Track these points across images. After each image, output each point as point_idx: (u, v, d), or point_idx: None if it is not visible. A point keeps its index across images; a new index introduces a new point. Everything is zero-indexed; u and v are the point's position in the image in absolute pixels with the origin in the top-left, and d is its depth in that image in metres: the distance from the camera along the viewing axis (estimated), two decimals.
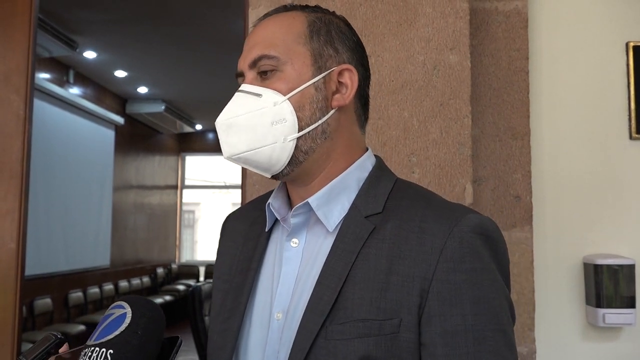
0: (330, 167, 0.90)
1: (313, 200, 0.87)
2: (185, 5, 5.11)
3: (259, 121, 0.86)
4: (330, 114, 0.88)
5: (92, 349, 0.76)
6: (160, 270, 9.96)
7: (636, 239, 1.89)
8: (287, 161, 0.87)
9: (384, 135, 1.61)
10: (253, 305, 0.91)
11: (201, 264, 11.10)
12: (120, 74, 7.48)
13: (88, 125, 7.54)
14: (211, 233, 12.72)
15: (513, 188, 1.80)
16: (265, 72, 0.88)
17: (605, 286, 1.80)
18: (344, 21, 0.95)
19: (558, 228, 1.89)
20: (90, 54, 6.65)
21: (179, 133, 10.91)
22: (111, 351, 0.76)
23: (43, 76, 6.50)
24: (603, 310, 1.80)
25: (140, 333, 0.78)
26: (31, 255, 3.21)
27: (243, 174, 1.79)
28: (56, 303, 6.67)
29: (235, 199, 12.77)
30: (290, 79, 0.87)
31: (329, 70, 0.89)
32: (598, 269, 1.82)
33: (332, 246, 0.85)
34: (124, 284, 8.44)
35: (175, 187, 11.30)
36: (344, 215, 0.87)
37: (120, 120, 8.32)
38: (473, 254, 0.80)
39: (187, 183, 11.68)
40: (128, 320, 0.79)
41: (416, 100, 1.62)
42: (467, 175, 1.59)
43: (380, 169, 0.93)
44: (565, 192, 1.90)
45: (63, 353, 0.82)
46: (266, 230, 0.94)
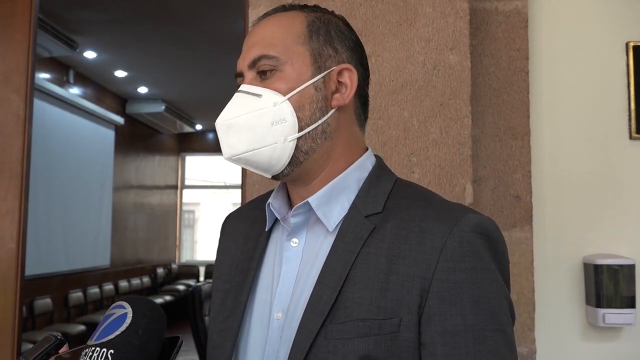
0: (330, 167, 0.90)
1: (313, 199, 0.87)
2: (185, 5, 5.11)
3: (258, 121, 0.86)
4: (330, 113, 0.88)
5: (93, 349, 0.76)
6: (160, 270, 9.96)
7: (636, 239, 1.89)
8: (288, 161, 0.87)
9: (384, 135, 1.61)
10: (253, 305, 0.91)
11: (201, 264, 11.10)
12: (120, 74, 7.48)
13: (88, 125, 7.54)
14: (211, 233, 12.71)
15: (513, 188, 1.80)
16: (264, 72, 0.87)
17: (605, 286, 1.81)
18: (343, 21, 0.95)
19: (558, 228, 1.89)
20: (90, 54, 6.65)
21: (179, 133, 10.91)
22: (112, 351, 0.76)
23: (43, 76, 6.50)
24: (603, 310, 1.80)
25: (141, 333, 0.78)
26: (31, 255, 3.21)
27: (243, 174, 1.79)
28: (56, 303, 6.67)
29: (235, 199, 12.76)
30: (290, 79, 0.87)
31: (328, 70, 0.89)
32: (598, 269, 1.82)
33: (332, 246, 0.85)
34: (124, 284, 8.44)
35: (175, 187, 11.30)
36: (344, 215, 0.87)
37: (120, 120, 8.32)
38: (473, 254, 0.80)
39: (187, 183, 11.68)
40: (129, 320, 0.79)
41: (416, 100, 1.62)
42: (467, 175, 1.59)
43: (380, 169, 0.93)
44: (565, 192, 1.90)
45: (63, 353, 0.82)
46: (266, 229, 0.94)
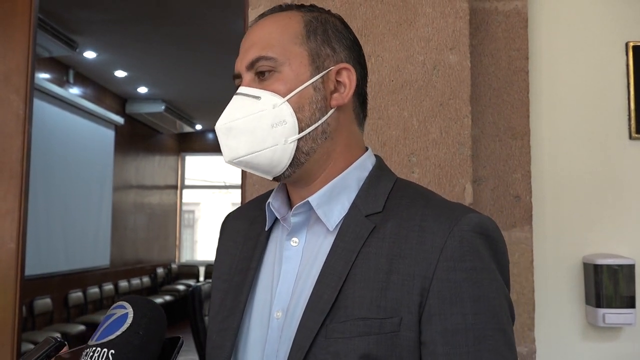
0: (330, 167, 0.90)
1: (313, 199, 0.87)
2: (185, 5, 5.11)
3: (258, 124, 0.86)
4: (329, 113, 0.88)
5: (94, 349, 0.76)
6: (160, 270, 9.96)
7: (636, 239, 1.89)
8: (289, 163, 0.87)
9: (384, 135, 1.61)
10: (253, 304, 0.91)
11: (201, 264, 11.10)
12: (120, 74, 7.48)
13: (88, 125, 7.54)
14: (211, 233, 12.71)
15: (513, 188, 1.80)
16: (262, 73, 0.87)
17: (605, 286, 1.81)
18: (340, 20, 0.95)
19: (558, 228, 1.89)
20: (90, 54, 6.65)
21: (178, 133, 10.91)
22: (112, 351, 0.76)
23: (43, 76, 6.50)
24: (603, 310, 1.80)
25: (142, 333, 0.78)
26: (31, 255, 3.21)
27: (243, 174, 1.79)
28: (56, 303, 6.67)
29: (235, 199, 12.77)
30: (289, 79, 0.87)
31: (327, 70, 0.89)
32: (598, 269, 1.82)
33: (333, 245, 0.85)
34: (123, 284, 8.44)
35: (175, 187, 11.30)
36: (344, 215, 0.87)
37: (120, 120, 8.32)
38: (473, 253, 0.80)
39: (187, 183, 11.68)
40: (129, 320, 0.79)
41: (416, 100, 1.62)
42: (467, 175, 1.59)
43: (380, 169, 0.93)
44: (565, 192, 1.90)
45: (63, 353, 0.82)
46: (266, 229, 0.94)
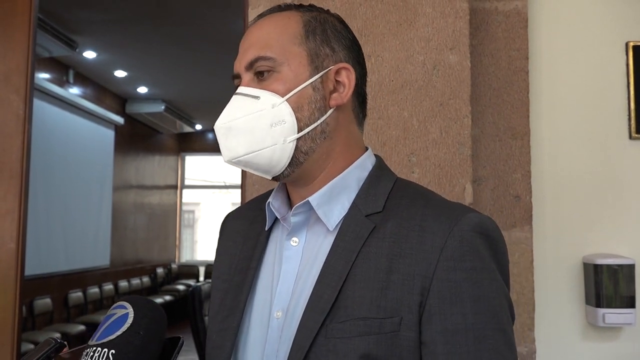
0: (330, 167, 0.90)
1: (314, 199, 0.87)
2: (185, 5, 5.11)
3: (257, 124, 0.86)
4: (328, 113, 0.88)
5: (94, 349, 0.76)
6: (160, 270, 9.96)
7: (636, 239, 1.89)
8: (288, 162, 0.87)
9: (384, 135, 1.61)
10: (252, 304, 0.91)
11: (201, 264, 11.10)
12: (120, 74, 7.48)
13: (88, 125, 7.53)
14: (211, 233, 12.71)
15: (513, 188, 1.80)
16: (261, 74, 0.87)
17: (605, 286, 1.81)
18: (339, 19, 0.95)
19: (558, 228, 1.89)
20: (90, 54, 6.65)
21: (178, 133, 10.91)
22: (113, 351, 0.76)
23: (43, 76, 6.50)
24: (603, 310, 1.80)
25: (142, 333, 0.78)
26: (31, 255, 3.21)
27: (243, 174, 1.79)
28: (56, 303, 6.67)
29: (235, 199, 12.77)
30: (288, 79, 0.87)
31: (326, 70, 0.89)
32: (598, 268, 1.82)
33: (333, 245, 0.85)
34: (123, 284, 8.44)
35: (175, 187, 11.30)
36: (344, 215, 0.88)
37: (120, 120, 8.32)
38: (473, 253, 0.80)
39: (187, 183, 11.68)
40: (130, 320, 0.79)
41: (416, 100, 1.62)
42: (467, 175, 1.59)
43: (380, 169, 0.93)
44: (565, 192, 1.90)
45: (64, 354, 0.82)
46: (266, 229, 0.94)
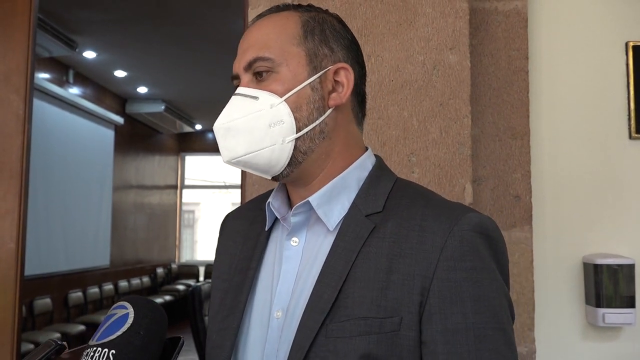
0: (329, 167, 0.90)
1: (314, 199, 0.88)
2: (185, 5, 5.11)
3: (256, 124, 0.86)
4: (327, 113, 0.89)
5: (95, 349, 0.76)
6: (160, 270, 9.96)
7: (636, 239, 1.89)
8: (287, 162, 0.87)
9: (384, 135, 1.61)
10: (252, 304, 0.91)
11: (201, 264, 11.10)
12: (120, 74, 7.48)
13: (88, 125, 7.53)
14: (211, 233, 12.71)
15: (513, 188, 1.80)
16: (260, 74, 0.88)
17: (605, 286, 1.81)
18: (338, 19, 0.95)
19: (558, 228, 1.89)
20: (90, 54, 6.65)
21: (178, 133, 10.91)
22: (113, 351, 0.76)
23: (43, 76, 6.50)
24: (603, 310, 1.80)
25: (143, 333, 0.78)
26: (31, 255, 3.21)
27: (242, 174, 1.79)
28: (56, 303, 6.67)
29: (235, 199, 12.77)
30: (286, 80, 0.87)
31: (324, 70, 0.89)
32: (598, 268, 1.82)
33: (333, 245, 0.85)
34: (123, 284, 8.44)
35: (175, 187, 11.30)
36: (344, 215, 0.88)
37: (120, 120, 8.32)
38: (473, 253, 0.80)
39: (187, 183, 11.68)
40: (130, 320, 0.79)
41: (416, 100, 1.62)
42: (467, 175, 1.59)
43: (380, 169, 0.93)
44: (565, 192, 1.90)
45: (64, 354, 0.82)
46: (266, 229, 0.94)
